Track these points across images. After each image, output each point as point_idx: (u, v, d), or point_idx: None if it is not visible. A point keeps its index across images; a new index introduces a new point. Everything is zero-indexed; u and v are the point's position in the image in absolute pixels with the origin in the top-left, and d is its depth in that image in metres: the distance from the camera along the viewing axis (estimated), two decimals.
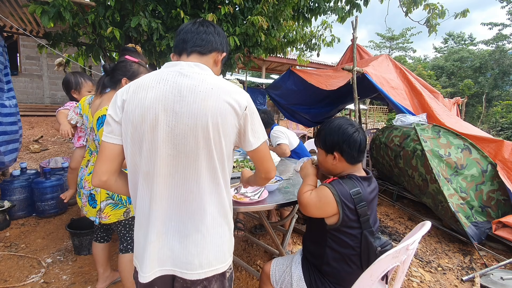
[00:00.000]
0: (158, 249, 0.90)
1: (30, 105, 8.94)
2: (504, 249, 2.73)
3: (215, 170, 0.90)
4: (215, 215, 0.92)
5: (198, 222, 0.90)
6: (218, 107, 0.86)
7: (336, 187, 1.17)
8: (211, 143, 0.87)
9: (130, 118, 0.88)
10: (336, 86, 4.38)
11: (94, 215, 1.66)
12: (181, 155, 0.87)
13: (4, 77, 3.31)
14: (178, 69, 0.91)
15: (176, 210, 0.90)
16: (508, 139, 10.91)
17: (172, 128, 0.86)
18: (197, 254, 0.89)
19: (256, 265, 2.39)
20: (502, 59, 19.22)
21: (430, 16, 4.64)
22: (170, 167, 0.88)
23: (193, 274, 0.89)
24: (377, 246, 1.16)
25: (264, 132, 1.01)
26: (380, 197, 4.08)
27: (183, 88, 0.87)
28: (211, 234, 0.91)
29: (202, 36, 0.98)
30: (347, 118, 1.32)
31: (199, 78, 0.89)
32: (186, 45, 0.97)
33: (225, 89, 0.90)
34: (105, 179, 0.94)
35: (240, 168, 2.14)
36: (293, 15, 4.40)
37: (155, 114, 0.86)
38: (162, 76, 0.89)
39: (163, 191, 0.89)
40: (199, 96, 0.86)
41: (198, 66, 0.93)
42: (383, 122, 12.37)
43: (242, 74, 10.61)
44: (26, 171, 3.27)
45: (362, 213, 1.16)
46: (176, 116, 0.86)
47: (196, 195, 0.89)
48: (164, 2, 3.28)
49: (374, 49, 28.32)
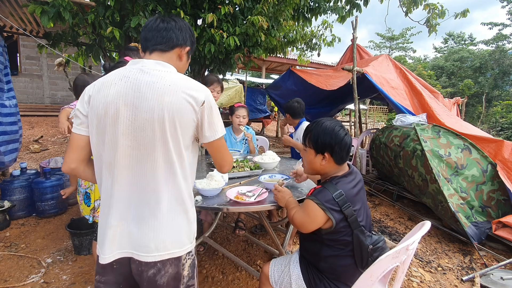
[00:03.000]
0: (118, 233, 0.97)
1: (30, 105, 8.94)
2: (504, 249, 2.73)
3: (172, 161, 0.96)
4: (172, 203, 0.98)
5: (154, 209, 0.96)
6: (174, 103, 0.92)
7: (317, 196, 1.22)
8: (167, 136, 0.94)
9: (95, 112, 0.96)
10: (336, 86, 4.39)
11: (88, 213, 1.67)
12: (140, 146, 0.94)
13: (4, 77, 3.31)
14: (139, 67, 0.98)
15: (134, 197, 0.97)
16: (508, 139, 10.90)
17: (132, 121, 0.93)
18: (153, 238, 0.95)
19: (256, 265, 2.39)
20: (502, 59, 19.21)
21: (430, 16, 4.64)
22: (129, 157, 0.95)
23: (149, 256, 0.95)
24: (369, 244, 1.20)
25: (222, 128, 1.06)
26: (380, 197, 4.08)
27: (142, 85, 0.93)
28: (167, 220, 0.97)
29: (163, 33, 1.02)
30: (335, 119, 1.35)
31: (158, 75, 0.95)
32: (148, 44, 1.03)
33: (183, 86, 0.95)
34: (74, 167, 1.03)
35: (240, 168, 2.14)
36: (293, 15, 4.40)
37: (116, 108, 0.93)
38: (125, 73, 0.97)
39: (123, 180, 0.96)
40: (156, 92, 0.92)
41: (159, 64, 0.99)
42: (383, 122, 12.35)
43: (242, 74, 10.60)
44: (26, 171, 3.27)
45: (348, 213, 1.19)
46: (135, 111, 0.93)
47: (152, 184, 0.95)
48: (164, 2, 3.28)
49: (374, 49, 28.34)
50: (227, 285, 2.12)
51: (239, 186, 1.80)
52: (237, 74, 10.83)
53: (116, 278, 1.00)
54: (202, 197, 1.59)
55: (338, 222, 1.19)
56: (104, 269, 0.99)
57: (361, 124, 6.49)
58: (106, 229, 0.97)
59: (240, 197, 1.59)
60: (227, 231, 2.93)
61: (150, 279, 0.96)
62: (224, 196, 1.63)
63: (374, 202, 3.99)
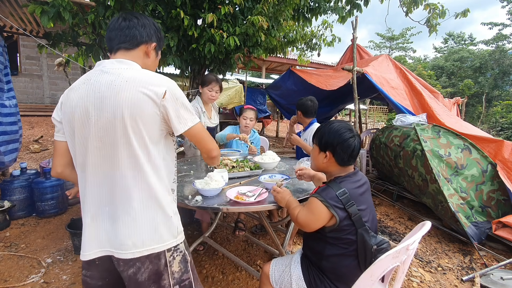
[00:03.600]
0: (94, 231, 1.00)
1: (30, 105, 8.94)
2: (504, 249, 2.73)
3: (137, 157, 0.96)
4: (143, 199, 0.98)
5: (127, 206, 0.97)
6: (132, 98, 0.93)
7: (321, 193, 1.24)
8: (129, 132, 0.94)
9: (66, 118, 1.01)
10: (336, 86, 4.38)
11: None
12: (105, 146, 0.96)
13: (4, 77, 3.30)
14: (101, 68, 1.00)
15: (106, 196, 0.99)
16: (508, 139, 10.90)
17: (95, 122, 0.95)
18: (129, 235, 0.96)
19: (256, 265, 2.39)
20: (502, 59, 19.21)
21: (431, 16, 4.64)
22: (98, 157, 0.97)
23: (127, 253, 0.96)
24: (373, 244, 1.20)
25: (192, 116, 1.04)
26: (380, 197, 4.08)
27: (102, 85, 0.95)
28: (140, 217, 0.98)
29: (125, 32, 1.03)
30: (348, 123, 1.37)
31: (116, 73, 0.96)
32: (112, 43, 1.04)
33: (141, 80, 0.95)
34: (60, 171, 1.10)
35: (240, 168, 2.14)
36: (293, 15, 4.40)
37: (81, 112, 0.96)
38: (87, 76, 1.00)
39: (94, 179, 0.99)
40: (114, 90, 0.93)
41: (119, 61, 1.00)
42: (383, 122, 12.35)
43: (242, 74, 10.60)
44: (26, 171, 3.26)
45: (352, 212, 1.20)
46: (98, 112, 0.95)
47: (120, 182, 0.97)
48: (164, 2, 3.28)
49: (374, 49, 28.35)
50: (227, 285, 2.12)
51: (239, 186, 1.80)
52: (237, 74, 10.82)
53: (100, 274, 1.04)
54: (202, 197, 1.59)
55: (342, 220, 1.20)
56: (88, 265, 1.03)
57: (361, 124, 6.48)
58: (85, 227, 1.01)
59: (240, 197, 1.58)
60: (227, 231, 2.93)
61: (130, 278, 0.98)
62: (224, 196, 1.63)
63: (374, 202, 3.99)
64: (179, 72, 4.07)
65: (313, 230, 1.28)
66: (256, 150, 2.86)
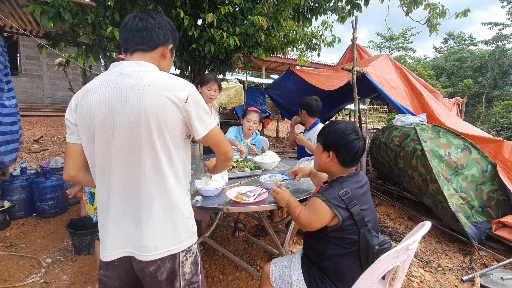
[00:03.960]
0: (117, 234, 1.00)
1: (30, 105, 8.94)
2: (504, 249, 2.73)
3: (160, 162, 0.97)
4: (165, 202, 0.99)
5: (148, 209, 0.98)
6: (156, 103, 0.92)
7: (323, 193, 1.24)
8: (153, 137, 0.94)
9: (83, 120, 0.98)
10: (336, 86, 4.38)
11: (93, 212, 1.68)
12: (127, 150, 0.95)
13: (4, 77, 3.30)
14: (119, 70, 0.97)
15: (128, 199, 0.99)
16: (508, 139, 10.89)
17: (118, 126, 0.94)
18: (150, 238, 0.97)
19: (256, 265, 2.39)
20: (502, 59, 19.19)
21: (431, 15, 4.64)
22: (119, 161, 0.96)
23: (148, 255, 0.97)
24: (375, 244, 1.20)
25: (212, 119, 1.06)
26: (380, 197, 4.08)
27: (124, 88, 0.93)
28: (162, 219, 0.99)
29: (143, 34, 1.00)
30: (354, 124, 1.37)
31: (138, 76, 0.94)
32: (129, 45, 1.01)
33: (164, 85, 0.94)
34: (73, 174, 1.06)
35: (240, 168, 2.14)
36: (293, 15, 4.40)
37: (102, 115, 0.94)
38: (105, 78, 0.97)
39: (116, 183, 0.98)
40: (137, 94, 0.92)
41: (138, 63, 0.98)
42: (383, 122, 12.35)
43: (242, 74, 10.60)
44: (26, 171, 3.26)
45: (355, 212, 1.20)
46: (120, 115, 0.93)
47: (143, 185, 0.97)
48: (164, 2, 3.28)
49: (374, 49, 28.33)
50: (227, 285, 2.12)
51: (239, 186, 1.80)
52: (237, 74, 10.82)
53: (118, 274, 1.04)
54: (202, 197, 1.59)
55: (345, 220, 1.20)
56: (107, 265, 1.03)
57: (361, 124, 6.47)
58: (106, 230, 1.01)
59: (240, 197, 1.59)
60: (227, 231, 2.93)
61: (151, 275, 0.99)
62: (224, 196, 1.63)
63: (374, 202, 3.99)
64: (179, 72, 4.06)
65: (314, 230, 1.28)
66: (257, 150, 2.86)
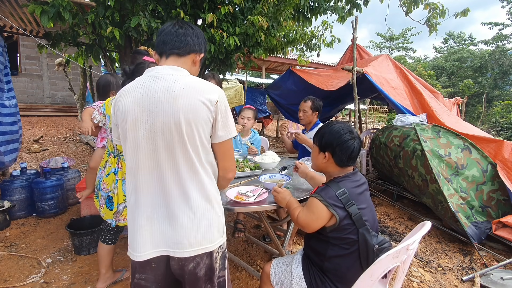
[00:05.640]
0: (150, 233, 1.01)
1: (30, 105, 8.94)
2: (504, 249, 2.73)
3: (192, 160, 1.00)
4: (199, 200, 1.02)
5: (183, 207, 1.00)
6: (190, 104, 0.97)
7: (320, 193, 1.25)
8: (185, 137, 0.98)
9: (118, 122, 1.04)
10: (337, 86, 4.38)
11: (111, 217, 1.66)
12: (160, 149, 0.99)
13: (4, 77, 3.30)
14: (154, 74, 1.02)
15: (162, 197, 1.01)
16: (508, 139, 10.90)
17: (151, 126, 0.98)
18: (185, 235, 1.00)
19: (256, 265, 2.39)
20: (502, 59, 19.20)
21: (431, 15, 4.64)
22: (152, 160, 1.00)
23: (184, 252, 1.00)
24: (375, 244, 1.21)
25: (234, 129, 1.09)
26: (380, 197, 4.08)
27: (158, 90, 0.98)
28: (197, 216, 1.01)
29: (181, 38, 1.06)
30: (349, 124, 1.38)
31: (172, 79, 0.99)
32: (165, 47, 1.06)
33: (196, 88, 1.00)
34: None
35: (240, 168, 2.14)
36: (293, 15, 4.40)
37: (134, 115, 0.98)
38: (140, 81, 1.02)
39: (148, 182, 1.01)
40: (171, 96, 0.97)
41: (172, 68, 1.03)
42: (383, 122, 12.35)
43: (242, 74, 10.60)
44: (26, 171, 3.26)
45: (352, 211, 1.21)
46: (153, 116, 0.97)
47: (177, 183, 1.00)
48: (164, 2, 3.28)
49: (374, 49, 28.34)
50: None
51: (239, 186, 1.80)
52: (237, 74, 10.82)
53: (155, 277, 1.05)
54: None
55: (342, 219, 1.20)
56: (143, 267, 1.03)
57: (361, 124, 6.47)
58: (137, 229, 1.02)
59: (240, 197, 1.58)
60: (227, 231, 2.91)
61: (191, 272, 1.02)
62: (224, 196, 1.62)
63: (374, 202, 3.99)
64: None
65: (313, 231, 1.28)
66: (256, 150, 2.86)
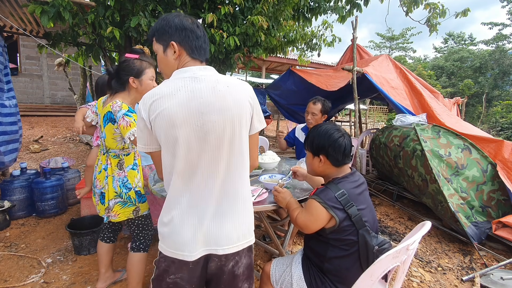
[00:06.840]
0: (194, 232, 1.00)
1: (30, 105, 8.94)
2: (504, 249, 2.73)
3: (242, 155, 1.04)
4: (245, 195, 1.07)
5: (234, 203, 1.04)
6: (237, 100, 1.00)
7: (320, 195, 1.24)
8: (236, 133, 1.01)
9: (162, 126, 0.96)
10: (337, 86, 4.38)
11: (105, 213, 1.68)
12: (213, 148, 0.99)
13: (4, 77, 3.30)
14: (190, 75, 1.00)
15: (213, 195, 1.01)
16: (508, 139, 10.90)
17: (201, 127, 0.97)
18: (234, 229, 1.03)
19: (256, 265, 2.39)
20: (502, 59, 19.19)
21: (431, 15, 4.65)
22: (205, 160, 1.00)
23: (230, 248, 1.02)
24: (374, 244, 1.20)
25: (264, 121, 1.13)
26: (380, 197, 4.08)
27: (203, 91, 0.97)
28: (243, 211, 1.06)
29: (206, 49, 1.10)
30: (335, 123, 1.38)
31: (213, 80, 1.00)
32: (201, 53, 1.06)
33: (238, 85, 1.04)
34: None
35: None
36: (293, 15, 4.40)
37: (183, 118, 0.95)
38: (179, 83, 0.98)
39: (200, 182, 1.00)
40: (219, 95, 0.98)
41: (206, 68, 1.04)
42: (383, 122, 12.34)
43: (242, 74, 10.60)
44: (26, 171, 3.26)
45: (352, 213, 1.20)
46: (202, 116, 0.96)
47: (229, 180, 1.02)
48: (164, 2, 3.28)
49: (374, 49, 28.34)
50: None
51: None
52: (237, 74, 10.82)
53: (189, 278, 1.04)
54: None
55: (342, 221, 1.20)
56: (179, 268, 1.02)
57: (361, 124, 6.48)
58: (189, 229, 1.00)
59: None
60: None
61: (229, 271, 1.04)
62: None
63: (374, 202, 3.99)
64: None
65: (312, 232, 1.28)
66: None
